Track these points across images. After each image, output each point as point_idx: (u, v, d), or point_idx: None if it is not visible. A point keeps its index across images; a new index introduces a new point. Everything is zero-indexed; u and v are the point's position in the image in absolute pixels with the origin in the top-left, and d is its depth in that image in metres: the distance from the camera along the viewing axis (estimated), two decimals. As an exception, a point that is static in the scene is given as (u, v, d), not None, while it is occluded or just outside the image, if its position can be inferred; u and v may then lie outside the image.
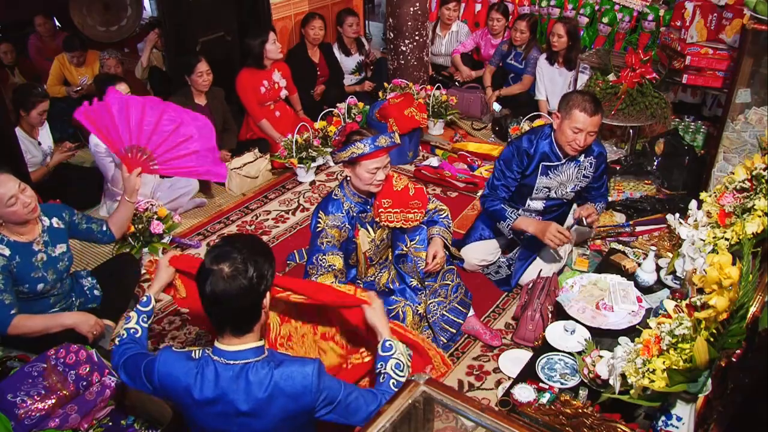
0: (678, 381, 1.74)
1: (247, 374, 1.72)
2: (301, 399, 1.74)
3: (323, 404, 1.77)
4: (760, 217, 2.16)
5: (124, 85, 3.59)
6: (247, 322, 1.74)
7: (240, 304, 1.70)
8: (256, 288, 1.71)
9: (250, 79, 4.46)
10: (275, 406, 1.74)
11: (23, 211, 2.46)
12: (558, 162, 3.05)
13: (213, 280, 1.68)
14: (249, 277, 1.69)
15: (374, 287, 2.95)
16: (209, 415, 1.77)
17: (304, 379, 1.73)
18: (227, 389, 1.72)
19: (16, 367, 2.43)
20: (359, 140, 2.57)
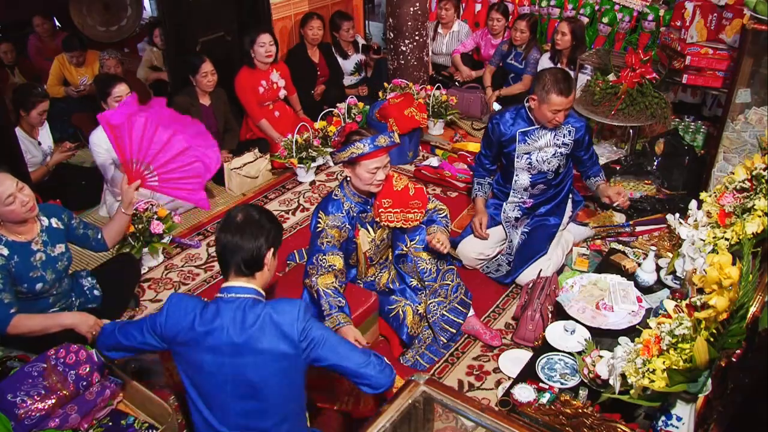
0: (678, 381, 1.74)
1: (245, 308, 1.91)
2: (289, 329, 1.87)
3: (307, 337, 1.89)
4: (760, 217, 2.16)
5: (124, 85, 3.58)
6: (249, 267, 1.96)
7: (244, 249, 1.94)
8: (259, 240, 1.95)
9: (248, 78, 4.46)
10: (266, 339, 1.87)
11: (21, 210, 2.46)
12: (532, 126, 3.19)
13: (226, 224, 1.98)
14: (256, 231, 1.96)
15: (374, 287, 2.95)
16: (206, 350, 1.90)
17: (291, 309, 1.90)
18: (225, 320, 1.89)
19: (16, 367, 2.43)
20: (359, 140, 2.57)
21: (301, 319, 1.88)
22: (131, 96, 2.99)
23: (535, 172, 3.28)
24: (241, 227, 1.96)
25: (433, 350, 2.87)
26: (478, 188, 3.46)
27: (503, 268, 3.35)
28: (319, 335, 1.91)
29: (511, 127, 3.23)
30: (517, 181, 3.33)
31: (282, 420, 1.97)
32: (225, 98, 4.39)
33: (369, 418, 1.85)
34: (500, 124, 3.25)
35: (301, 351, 1.89)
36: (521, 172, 3.30)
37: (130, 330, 2.07)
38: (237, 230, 1.96)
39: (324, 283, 2.58)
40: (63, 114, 4.75)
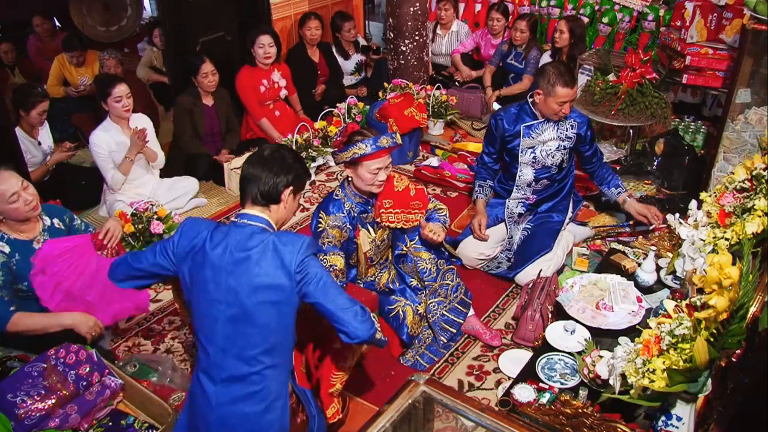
0: (678, 381, 1.74)
1: (252, 233, 1.98)
2: (289, 259, 1.92)
3: (303, 270, 1.93)
4: (760, 217, 2.16)
5: (124, 85, 3.58)
6: (265, 198, 2.03)
7: (263, 181, 2.01)
8: (280, 176, 2.02)
9: (249, 77, 4.46)
10: (264, 263, 1.92)
11: (24, 208, 2.47)
12: (536, 120, 3.22)
13: (253, 156, 2.09)
14: (279, 166, 2.03)
15: (374, 287, 2.95)
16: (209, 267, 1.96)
17: (295, 240, 1.96)
18: (230, 240, 1.97)
19: (16, 367, 2.43)
20: (361, 141, 2.57)
21: (302, 252, 1.93)
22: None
23: (539, 167, 3.29)
24: (266, 160, 2.04)
25: (433, 350, 2.88)
26: (479, 190, 3.46)
27: (503, 265, 3.35)
28: (315, 272, 1.95)
29: (515, 123, 3.26)
30: (520, 176, 3.34)
31: (266, 353, 1.98)
32: (228, 98, 4.39)
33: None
34: (504, 119, 3.28)
35: (295, 284, 1.94)
36: (525, 167, 3.31)
37: (141, 254, 2.16)
38: (261, 162, 2.03)
39: (324, 283, 2.59)
40: (63, 114, 4.75)
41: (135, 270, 2.16)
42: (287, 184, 2.04)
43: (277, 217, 2.08)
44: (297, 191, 2.10)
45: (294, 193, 2.09)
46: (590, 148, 3.37)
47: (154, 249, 2.12)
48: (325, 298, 1.95)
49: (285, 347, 2.05)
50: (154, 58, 5.37)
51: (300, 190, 2.12)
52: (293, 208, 2.13)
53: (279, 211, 2.07)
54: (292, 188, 2.06)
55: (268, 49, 4.41)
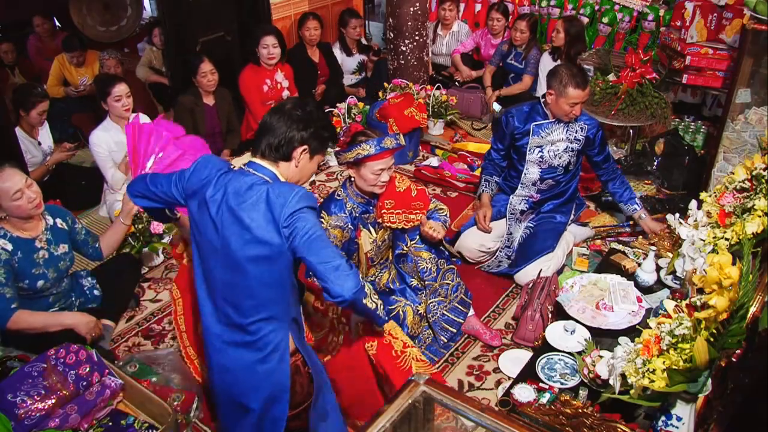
0: (678, 381, 1.74)
1: (252, 184, 1.90)
2: (278, 211, 1.83)
3: (291, 225, 1.83)
4: (760, 217, 2.16)
5: (124, 85, 3.58)
6: (275, 150, 1.93)
7: (276, 132, 1.92)
8: (292, 130, 1.92)
9: (253, 76, 4.46)
10: (255, 215, 1.85)
11: (28, 206, 2.48)
12: (546, 120, 3.23)
13: (275, 107, 1.98)
14: (296, 122, 1.92)
15: (374, 287, 2.95)
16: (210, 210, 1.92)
17: (288, 192, 1.86)
18: (231, 187, 1.90)
19: (16, 367, 2.43)
20: (365, 141, 2.58)
21: (293, 205, 1.84)
22: (160, 120, 3.18)
23: (545, 166, 3.31)
24: (285, 112, 1.94)
25: (433, 350, 2.87)
26: (485, 185, 3.48)
27: (504, 263, 3.35)
28: (304, 226, 1.83)
29: (526, 121, 3.28)
30: (526, 174, 3.35)
31: (260, 306, 1.95)
32: (229, 98, 4.39)
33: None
34: (515, 117, 3.30)
35: (284, 239, 1.85)
36: (532, 165, 3.32)
37: (159, 178, 2.12)
38: (280, 112, 1.94)
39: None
40: (63, 114, 4.75)
41: (150, 192, 2.13)
42: (302, 142, 1.93)
43: (288, 175, 1.98)
44: (315, 152, 1.99)
45: (310, 154, 1.97)
46: (600, 153, 3.35)
47: (170, 177, 2.08)
48: (309, 251, 1.82)
49: (282, 301, 1.99)
50: (153, 58, 5.37)
51: (318, 151, 2.00)
52: (309, 170, 2.02)
53: (290, 170, 1.97)
54: (306, 147, 1.95)
55: (272, 49, 4.41)
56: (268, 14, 4.98)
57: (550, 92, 3.15)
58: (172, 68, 4.87)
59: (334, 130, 2.11)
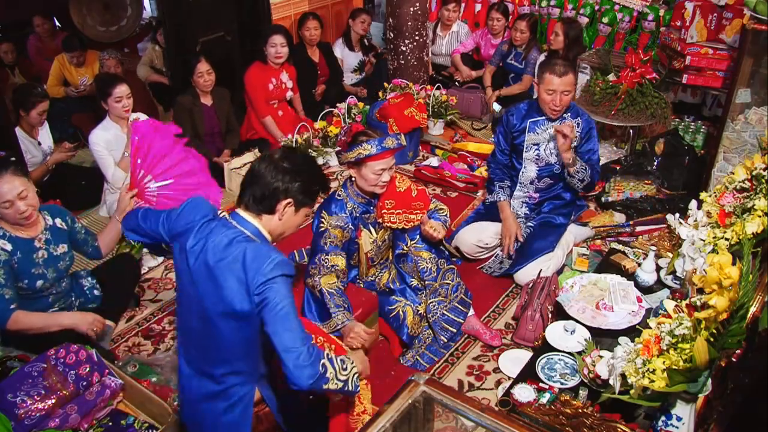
0: (678, 381, 1.74)
1: (232, 240, 1.86)
2: (252, 276, 1.79)
3: (262, 294, 1.78)
4: (760, 217, 2.16)
5: (125, 86, 3.58)
6: (257, 203, 1.90)
7: (260, 183, 1.88)
8: (280, 186, 1.88)
9: (259, 74, 4.47)
10: (230, 276, 1.81)
11: (16, 216, 2.49)
12: (541, 117, 3.25)
13: (266, 154, 1.95)
14: (282, 173, 1.88)
15: (374, 287, 2.95)
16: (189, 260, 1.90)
17: (265, 257, 1.80)
18: (211, 240, 1.87)
19: (16, 367, 2.43)
20: (366, 141, 2.58)
21: (266, 273, 1.78)
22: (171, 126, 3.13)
23: (542, 164, 3.31)
24: (273, 162, 1.89)
25: (433, 350, 2.87)
26: (500, 191, 3.38)
27: (505, 263, 3.36)
28: (274, 298, 1.78)
29: (523, 119, 3.29)
30: (524, 173, 3.36)
31: (228, 361, 1.94)
32: (228, 98, 4.39)
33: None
34: (514, 115, 3.33)
35: (254, 305, 1.81)
36: (529, 163, 3.33)
37: (150, 215, 2.12)
38: (267, 161, 1.90)
39: (327, 284, 2.60)
40: (63, 114, 4.74)
41: (140, 228, 2.13)
42: (286, 195, 1.88)
43: (271, 228, 1.93)
44: (300, 206, 1.93)
45: (296, 207, 1.92)
46: (584, 152, 3.29)
47: (159, 217, 2.07)
48: (274, 330, 1.78)
49: (251, 358, 1.98)
50: (155, 58, 5.37)
51: (304, 205, 1.94)
52: (293, 223, 1.97)
53: (272, 222, 1.92)
54: (291, 201, 1.90)
55: (280, 48, 4.42)
56: (268, 14, 4.98)
57: (535, 82, 3.16)
58: (172, 68, 4.87)
59: (325, 181, 2.06)
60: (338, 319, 2.52)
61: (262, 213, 1.91)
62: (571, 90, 3.14)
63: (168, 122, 3.61)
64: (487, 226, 3.42)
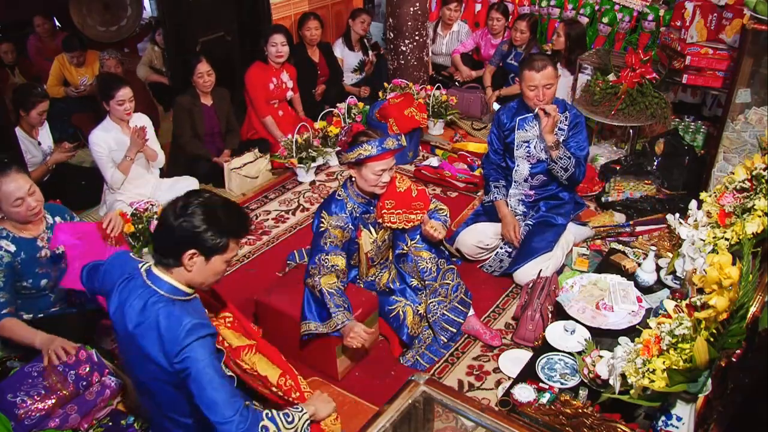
0: (678, 381, 1.74)
1: (146, 304, 1.80)
2: (166, 344, 1.75)
3: (183, 362, 1.73)
4: (760, 217, 2.16)
5: (128, 89, 3.57)
6: (165, 257, 1.83)
7: (164, 237, 1.83)
8: (180, 236, 1.79)
9: (260, 74, 4.47)
10: (148, 342, 1.78)
11: (27, 213, 2.50)
12: (529, 113, 3.26)
13: (169, 203, 1.85)
14: (183, 226, 1.78)
15: (374, 287, 2.95)
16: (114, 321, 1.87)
17: (175, 323, 1.75)
18: (129, 305, 1.82)
19: (16, 367, 2.43)
20: (366, 141, 2.58)
21: (180, 341, 1.73)
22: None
23: (534, 161, 3.31)
24: (172, 213, 1.79)
25: (433, 350, 2.87)
26: (495, 191, 3.42)
27: (505, 261, 3.36)
28: (194, 366, 1.73)
29: (513, 117, 3.31)
30: (517, 170, 3.36)
31: (166, 415, 1.92)
32: (228, 98, 4.39)
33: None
34: (504, 114, 3.36)
35: (175, 372, 1.77)
36: (521, 161, 3.34)
37: (93, 273, 2.07)
38: (167, 213, 1.81)
39: (327, 284, 2.60)
40: (63, 114, 4.74)
41: (96, 289, 2.07)
42: (189, 246, 1.78)
43: (186, 280, 1.84)
44: (211, 254, 1.81)
45: (205, 256, 1.81)
46: (571, 143, 3.23)
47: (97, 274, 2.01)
48: (201, 401, 1.73)
49: (187, 410, 1.91)
50: (154, 58, 5.38)
51: (215, 253, 1.81)
52: (211, 271, 1.85)
53: (184, 275, 1.83)
54: (195, 251, 1.79)
55: (281, 48, 4.43)
56: (268, 14, 4.98)
57: (518, 79, 3.18)
58: (172, 68, 4.87)
59: (240, 223, 1.89)
60: (338, 319, 2.53)
61: (171, 267, 1.82)
62: (553, 83, 3.15)
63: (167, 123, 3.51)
64: (486, 227, 3.42)
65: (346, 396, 2.65)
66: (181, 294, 1.85)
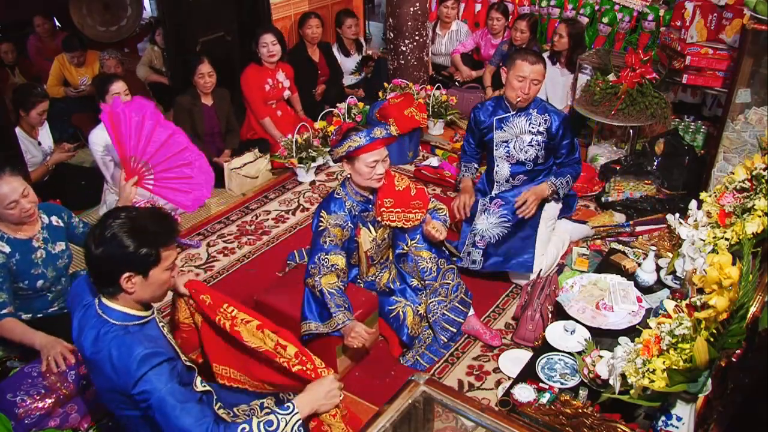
0: (678, 381, 1.74)
1: (98, 335, 1.76)
2: (121, 377, 1.71)
3: (143, 393, 1.70)
4: (760, 217, 2.16)
5: (121, 83, 3.57)
6: (105, 286, 1.77)
7: (94, 268, 1.76)
8: (108, 263, 1.73)
9: (255, 76, 4.46)
10: (105, 377, 1.75)
11: (21, 215, 2.49)
12: (507, 113, 3.23)
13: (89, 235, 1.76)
14: (106, 253, 1.72)
15: (375, 287, 2.95)
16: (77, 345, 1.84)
17: (126, 356, 1.71)
18: (84, 336, 1.78)
19: (16, 367, 2.43)
20: (355, 134, 2.59)
21: (133, 373, 1.69)
22: (136, 98, 2.94)
23: (513, 161, 3.29)
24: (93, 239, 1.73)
25: (433, 350, 2.87)
26: (465, 170, 3.48)
27: (478, 262, 3.21)
28: (155, 397, 1.70)
29: (490, 116, 3.29)
30: (498, 171, 3.35)
31: None
32: (228, 99, 4.39)
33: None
34: (480, 112, 3.32)
35: (137, 403, 1.73)
36: (501, 162, 3.33)
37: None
38: (89, 240, 1.74)
39: (328, 283, 2.60)
40: (63, 114, 4.75)
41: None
42: (122, 270, 1.72)
43: (136, 301, 1.80)
44: (148, 269, 1.75)
45: (143, 275, 1.75)
46: (564, 147, 3.25)
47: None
48: (167, 425, 1.71)
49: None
50: (154, 58, 5.38)
51: (151, 265, 1.75)
52: (155, 282, 1.79)
53: (130, 298, 1.78)
54: (130, 274, 1.73)
55: (272, 47, 4.42)
56: (268, 14, 4.99)
57: (504, 69, 3.18)
58: (172, 68, 4.87)
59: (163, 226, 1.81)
60: (339, 318, 2.54)
61: (114, 294, 1.78)
62: (540, 81, 3.12)
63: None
64: None
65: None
66: (134, 319, 1.81)
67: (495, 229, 3.20)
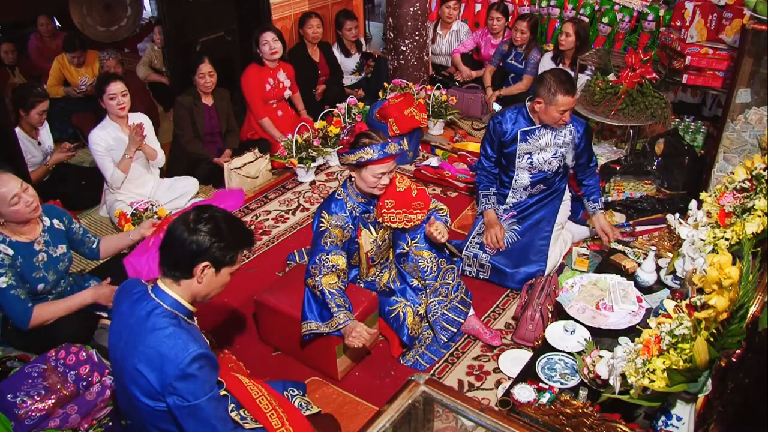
0: (678, 381, 1.74)
1: (153, 311, 1.83)
2: (164, 366, 1.74)
3: (176, 390, 1.73)
4: (760, 217, 2.16)
5: (119, 83, 3.56)
6: (175, 268, 1.85)
7: (176, 248, 1.84)
8: (194, 248, 1.83)
9: (255, 76, 4.46)
10: (144, 365, 1.76)
11: (25, 210, 2.48)
12: (533, 125, 3.23)
13: (180, 217, 1.88)
14: (197, 239, 1.82)
15: (375, 287, 2.95)
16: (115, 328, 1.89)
17: (183, 350, 1.75)
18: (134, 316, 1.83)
19: (16, 367, 2.43)
20: (368, 145, 2.59)
21: (182, 367, 1.73)
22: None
23: (535, 171, 3.29)
24: (187, 224, 1.84)
25: (433, 350, 2.87)
26: (485, 201, 3.39)
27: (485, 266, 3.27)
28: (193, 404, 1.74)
29: (513, 126, 3.26)
30: (517, 180, 3.34)
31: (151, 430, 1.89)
32: (228, 98, 4.39)
33: None
34: (502, 123, 3.28)
35: (167, 394, 1.76)
36: (522, 171, 3.31)
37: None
38: (181, 224, 1.84)
39: (328, 284, 2.60)
40: (63, 114, 4.75)
41: None
42: (203, 257, 1.83)
43: (192, 293, 1.89)
44: (221, 266, 1.88)
45: (216, 268, 1.87)
46: (584, 156, 3.34)
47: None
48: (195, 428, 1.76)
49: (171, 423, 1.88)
50: (154, 58, 5.38)
51: (226, 265, 1.88)
52: (217, 284, 1.92)
53: (192, 287, 1.87)
54: (208, 263, 1.85)
55: (273, 44, 4.40)
56: (268, 14, 4.99)
57: (539, 101, 3.12)
58: (172, 68, 4.87)
59: (247, 238, 1.97)
60: (339, 318, 2.54)
61: (180, 279, 1.86)
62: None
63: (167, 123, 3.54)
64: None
65: (346, 396, 2.65)
66: (183, 310, 1.88)
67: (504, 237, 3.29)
